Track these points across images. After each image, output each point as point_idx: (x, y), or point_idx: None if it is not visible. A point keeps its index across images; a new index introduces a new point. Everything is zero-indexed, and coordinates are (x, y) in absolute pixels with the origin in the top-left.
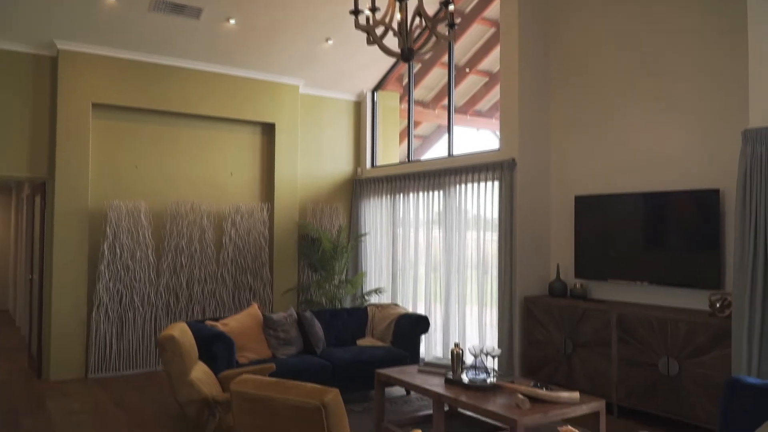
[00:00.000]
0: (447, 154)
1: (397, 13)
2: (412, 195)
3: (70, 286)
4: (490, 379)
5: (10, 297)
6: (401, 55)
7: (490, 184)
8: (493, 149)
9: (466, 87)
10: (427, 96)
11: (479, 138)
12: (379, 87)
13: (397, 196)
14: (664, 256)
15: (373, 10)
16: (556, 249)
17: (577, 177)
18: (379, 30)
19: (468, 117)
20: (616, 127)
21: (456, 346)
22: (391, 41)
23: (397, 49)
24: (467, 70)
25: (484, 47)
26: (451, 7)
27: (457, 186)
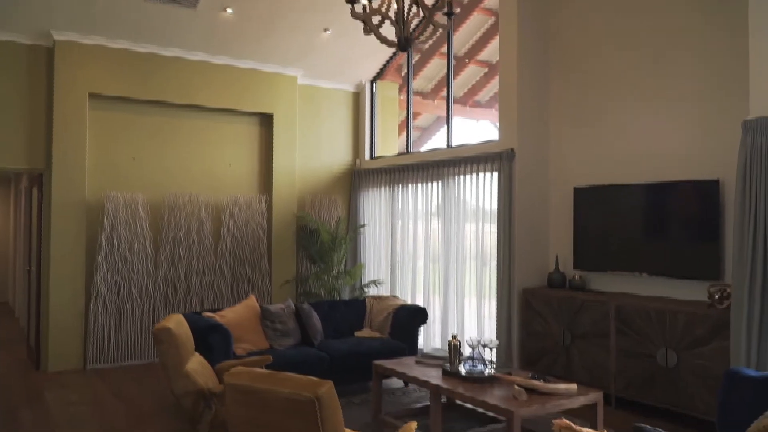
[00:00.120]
0: (446, 146)
1: (394, 2)
2: (411, 186)
3: (67, 277)
4: (488, 371)
5: (10, 289)
6: (398, 45)
7: (489, 175)
8: (492, 140)
9: (466, 77)
10: (426, 86)
11: (479, 129)
12: (378, 77)
13: (396, 187)
14: (663, 247)
15: None
16: (555, 240)
17: (577, 168)
18: (376, 19)
19: (468, 108)
20: (615, 117)
21: (453, 337)
22: (389, 30)
23: (394, 39)
24: (467, 60)
25: (484, 37)
26: None
27: (456, 177)
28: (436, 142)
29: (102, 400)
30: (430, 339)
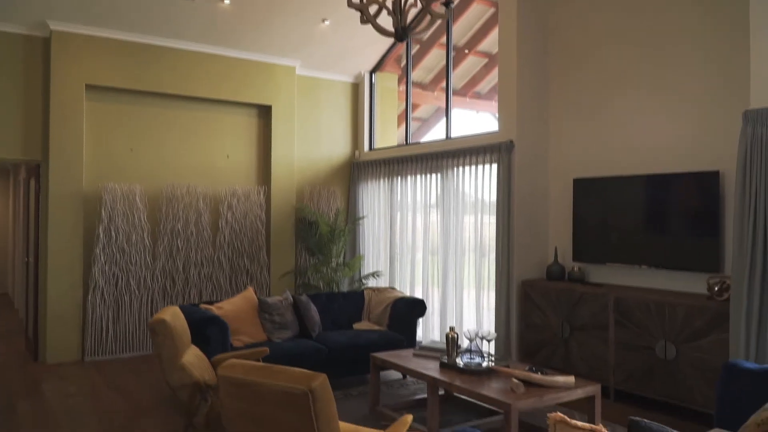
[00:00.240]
0: (445, 137)
1: None
2: (410, 178)
3: (65, 269)
4: (485, 363)
5: (9, 280)
6: (396, 35)
7: (488, 166)
8: (491, 131)
9: (466, 68)
10: (425, 78)
11: (479, 120)
12: (377, 68)
13: (395, 179)
14: (663, 239)
15: None
16: (554, 232)
17: (576, 159)
18: (373, 8)
19: (467, 99)
20: (615, 109)
21: (451, 330)
22: (387, 20)
23: (391, 29)
24: (466, 51)
25: (483, 28)
26: None
27: (455, 169)
28: (436, 133)
29: (100, 392)
30: (429, 331)
